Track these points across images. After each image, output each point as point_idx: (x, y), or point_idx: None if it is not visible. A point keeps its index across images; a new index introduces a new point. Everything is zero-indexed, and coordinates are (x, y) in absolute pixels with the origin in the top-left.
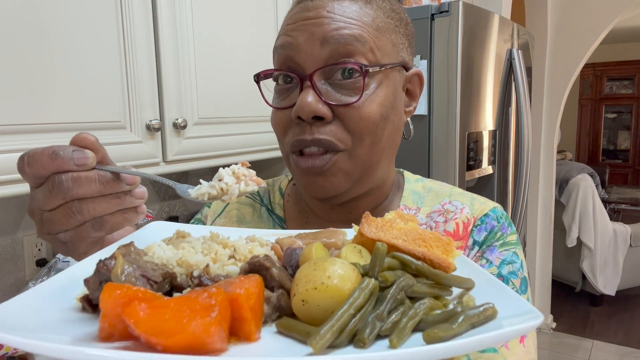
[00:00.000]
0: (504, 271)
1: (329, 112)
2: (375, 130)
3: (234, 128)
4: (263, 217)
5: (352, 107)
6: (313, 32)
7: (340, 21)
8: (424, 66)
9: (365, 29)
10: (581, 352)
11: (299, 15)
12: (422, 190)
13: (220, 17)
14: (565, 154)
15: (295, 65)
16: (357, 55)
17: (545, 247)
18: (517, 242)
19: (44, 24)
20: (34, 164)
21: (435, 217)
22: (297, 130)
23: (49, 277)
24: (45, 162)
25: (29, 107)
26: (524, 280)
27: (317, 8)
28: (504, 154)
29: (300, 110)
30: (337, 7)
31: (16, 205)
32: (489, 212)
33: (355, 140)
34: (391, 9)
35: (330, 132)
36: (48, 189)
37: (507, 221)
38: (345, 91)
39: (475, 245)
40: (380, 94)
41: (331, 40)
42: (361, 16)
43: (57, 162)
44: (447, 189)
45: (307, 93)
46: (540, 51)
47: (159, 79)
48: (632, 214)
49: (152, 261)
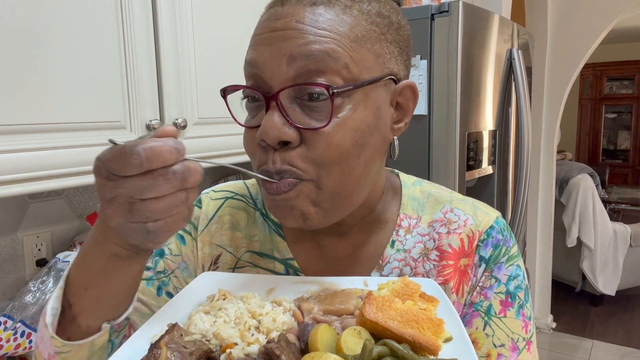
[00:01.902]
0: (511, 287)
1: (295, 136)
2: (346, 159)
3: (234, 128)
4: (258, 223)
5: (319, 133)
6: (280, 47)
7: (310, 33)
8: (424, 66)
9: (339, 42)
10: (581, 352)
11: (266, 25)
12: (422, 196)
13: (220, 17)
14: (565, 154)
15: (261, 82)
16: (329, 74)
17: (545, 247)
18: (518, 253)
19: (43, 24)
20: (155, 160)
21: (437, 227)
22: (262, 157)
23: (49, 277)
24: (170, 157)
25: (29, 107)
26: (527, 290)
27: (286, 17)
28: (504, 154)
29: (265, 134)
30: (309, 16)
31: (16, 205)
32: (494, 224)
33: (321, 171)
34: (377, 13)
35: (294, 160)
36: (162, 179)
37: (508, 232)
38: (315, 113)
39: (482, 262)
40: (356, 118)
41: (298, 57)
42: (336, 26)
43: (180, 154)
44: (447, 194)
45: (272, 114)
46: (540, 51)
47: (159, 79)
48: (632, 214)
49: (192, 339)
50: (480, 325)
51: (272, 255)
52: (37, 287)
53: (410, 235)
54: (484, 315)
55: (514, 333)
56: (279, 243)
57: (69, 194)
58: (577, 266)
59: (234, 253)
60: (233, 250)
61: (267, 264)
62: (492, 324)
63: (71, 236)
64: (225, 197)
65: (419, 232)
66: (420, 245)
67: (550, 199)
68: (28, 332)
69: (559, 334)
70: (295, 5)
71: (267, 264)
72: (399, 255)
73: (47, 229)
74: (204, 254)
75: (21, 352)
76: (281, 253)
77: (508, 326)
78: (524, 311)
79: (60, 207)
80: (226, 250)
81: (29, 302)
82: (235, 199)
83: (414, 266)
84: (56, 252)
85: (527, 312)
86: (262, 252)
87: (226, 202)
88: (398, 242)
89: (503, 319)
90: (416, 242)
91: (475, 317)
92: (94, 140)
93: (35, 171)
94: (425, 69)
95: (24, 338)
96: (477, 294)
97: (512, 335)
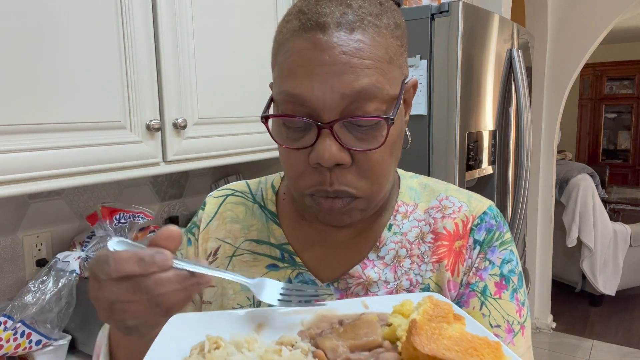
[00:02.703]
0: (505, 270)
1: (349, 159)
2: (389, 169)
3: (234, 128)
4: (256, 214)
5: (369, 153)
6: (332, 84)
7: (358, 67)
8: (424, 66)
9: (381, 70)
10: (581, 352)
11: (310, 56)
12: (418, 187)
13: (220, 17)
14: (565, 154)
15: (310, 111)
16: (376, 102)
17: (545, 247)
18: (512, 240)
19: (43, 24)
20: (120, 270)
21: (433, 213)
22: (317, 178)
23: (48, 277)
24: (132, 268)
25: (29, 107)
26: (520, 276)
27: (331, 48)
28: (504, 154)
29: (321, 158)
30: (352, 44)
31: (16, 205)
32: (487, 210)
33: (372, 185)
34: (395, 25)
35: (349, 180)
36: (130, 287)
37: (502, 219)
38: (365, 136)
39: (476, 244)
40: (395, 133)
41: (352, 93)
42: (376, 51)
43: (143, 267)
44: (443, 185)
45: (326, 139)
46: (540, 51)
47: (159, 79)
48: (632, 214)
49: None
50: (477, 305)
51: (269, 241)
52: (37, 287)
53: (407, 220)
54: (480, 296)
55: (509, 315)
56: (274, 230)
57: (69, 194)
58: (577, 266)
59: (233, 243)
60: (231, 241)
61: (264, 249)
62: (488, 304)
63: (71, 236)
64: (225, 195)
65: (415, 218)
66: (417, 230)
67: (550, 199)
68: (28, 332)
69: (559, 334)
70: (337, 33)
71: (264, 249)
72: (395, 237)
73: (47, 229)
74: (204, 249)
75: (21, 352)
76: (277, 239)
77: (503, 308)
78: (517, 295)
79: (60, 207)
80: (225, 242)
81: (29, 302)
82: (235, 196)
83: (409, 248)
84: (56, 252)
85: (520, 297)
86: (259, 239)
87: (227, 199)
88: (395, 225)
89: (498, 300)
90: (412, 226)
91: (472, 297)
92: (94, 140)
93: (35, 171)
94: (425, 69)
95: (24, 338)
96: (473, 274)
97: (507, 317)
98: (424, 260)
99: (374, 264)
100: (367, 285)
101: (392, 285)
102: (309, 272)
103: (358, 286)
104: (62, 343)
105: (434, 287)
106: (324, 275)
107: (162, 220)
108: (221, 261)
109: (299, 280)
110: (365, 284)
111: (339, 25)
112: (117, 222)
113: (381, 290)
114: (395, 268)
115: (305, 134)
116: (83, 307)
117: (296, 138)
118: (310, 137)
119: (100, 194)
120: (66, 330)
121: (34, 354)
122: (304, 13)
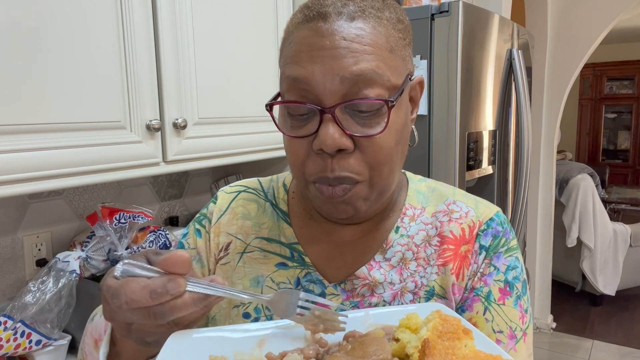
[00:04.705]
0: (509, 277)
1: (351, 144)
2: (392, 158)
3: (234, 128)
4: (267, 212)
5: (372, 138)
6: (331, 66)
7: (358, 52)
8: (423, 66)
9: (381, 56)
10: (581, 352)
11: (312, 42)
12: (427, 190)
13: (220, 17)
14: (565, 154)
15: (311, 96)
16: (376, 87)
17: (545, 247)
18: (517, 247)
19: (43, 24)
20: (132, 304)
21: (440, 217)
22: (320, 164)
23: (48, 277)
24: (146, 301)
25: (29, 107)
26: (524, 283)
27: (332, 34)
28: (504, 154)
29: (323, 144)
30: (353, 31)
31: (16, 206)
32: (494, 217)
33: (373, 171)
34: (397, 19)
35: (351, 166)
36: (146, 314)
37: (508, 226)
38: (367, 122)
39: (482, 249)
40: (398, 120)
41: (351, 76)
42: (376, 39)
43: (156, 299)
44: (450, 190)
45: (328, 125)
46: (540, 51)
47: (159, 79)
48: (632, 214)
49: None
50: (480, 310)
51: (279, 240)
52: (37, 287)
53: (414, 223)
54: (484, 301)
55: (512, 322)
56: (285, 229)
57: (69, 194)
58: (577, 266)
59: (244, 239)
60: (243, 237)
61: (275, 248)
62: (491, 309)
63: (71, 236)
64: (238, 191)
65: (422, 221)
66: (423, 233)
67: (550, 199)
68: (28, 332)
69: (559, 334)
70: (337, 21)
71: (275, 248)
72: (402, 240)
73: (47, 229)
74: (216, 243)
75: (21, 352)
76: (287, 238)
77: (506, 314)
78: (521, 302)
79: (60, 207)
80: (236, 238)
81: (29, 302)
82: (247, 192)
83: (416, 251)
84: (56, 252)
85: (524, 304)
86: (270, 237)
87: (239, 195)
88: (402, 228)
89: (502, 306)
90: (419, 229)
91: (476, 301)
92: (94, 140)
93: (35, 171)
94: (425, 69)
95: (24, 338)
96: (478, 279)
97: (510, 323)
98: (430, 263)
99: (380, 266)
100: (372, 287)
101: (397, 287)
102: (316, 272)
103: (364, 287)
104: (62, 343)
105: (438, 289)
106: (330, 275)
107: (162, 220)
108: (232, 257)
109: (307, 279)
110: (371, 285)
111: (340, 14)
112: (117, 222)
113: (386, 292)
114: (401, 270)
115: (308, 122)
116: (83, 307)
117: (300, 126)
118: (313, 124)
119: (100, 194)
120: (66, 330)
121: (34, 354)
122: (308, 7)
